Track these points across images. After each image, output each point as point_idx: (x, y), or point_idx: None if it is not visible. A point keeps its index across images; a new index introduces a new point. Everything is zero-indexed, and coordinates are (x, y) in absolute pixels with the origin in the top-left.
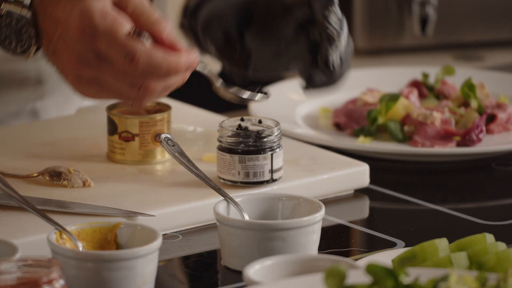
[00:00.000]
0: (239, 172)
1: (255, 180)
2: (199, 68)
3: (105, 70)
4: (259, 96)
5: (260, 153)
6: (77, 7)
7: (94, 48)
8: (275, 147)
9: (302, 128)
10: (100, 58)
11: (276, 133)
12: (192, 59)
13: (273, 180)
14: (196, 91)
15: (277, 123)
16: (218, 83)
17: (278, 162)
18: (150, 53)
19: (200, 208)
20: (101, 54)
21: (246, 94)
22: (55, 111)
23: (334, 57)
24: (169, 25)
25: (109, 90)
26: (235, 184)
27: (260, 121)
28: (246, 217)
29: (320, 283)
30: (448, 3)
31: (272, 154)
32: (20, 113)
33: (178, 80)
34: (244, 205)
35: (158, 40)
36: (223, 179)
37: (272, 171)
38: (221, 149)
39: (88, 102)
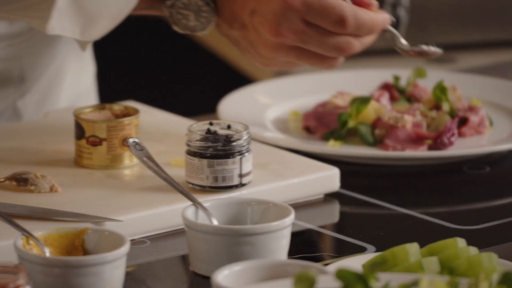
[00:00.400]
0: (207, 177)
1: (224, 184)
2: (388, 27)
3: (312, 34)
4: (437, 49)
5: (229, 158)
6: None
7: (303, 14)
8: (244, 151)
9: (271, 132)
10: (307, 23)
11: (245, 137)
12: (386, 16)
13: (242, 185)
14: (165, 95)
15: (246, 127)
16: (403, 41)
17: (247, 166)
18: (356, 12)
19: (168, 213)
20: (310, 19)
21: (427, 48)
22: (34, 109)
23: None
24: None
25: (309, 55)
26: (204, 189)
27: (229, 126)
28: (215, 222)
29: None
30: (420, 4)
31: (241, 159)
32: (3, 112)
33: (372, 38)
34: (213, 210)
35: None
36: (192, 184)
37: (241, 176)
38: (190, 153)
39: (64, 103)
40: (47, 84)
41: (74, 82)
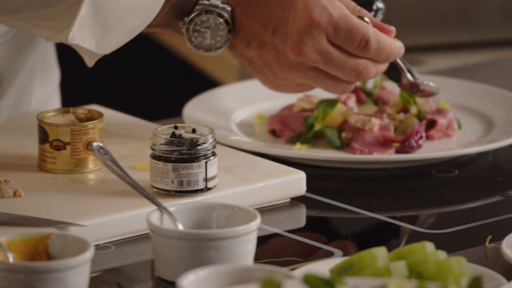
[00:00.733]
0: (172, 181)
1: (189, 188)
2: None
3: (334, 55)
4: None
5: (194, 161)
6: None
7: (328, 33)
8: (210, 155)
9: (237, 135)
10: (331, 44)
11: (210, 141)
12: (402, 44)
13: (207, 189)
14: (129, 98)
15: (212, 131)
16: (408, 75)
17: (212, 170)
18: (378, 36)
19: (133, 218)
20: (335, 39)
21: (429, 85)
22: (7, 112)
23: None
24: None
25: (325, 77)
26: (169, 193)
27: (194, 129)
28: (180, 227)
29: None
30: (386, 6)
31: (206, 162)
32: None
33: (386, 66)
34: (178, 215)
35: (372, 23)
36: (157, 188)
37: (206, 180)
38: (154, 157)
39: (33, 108)
40: (20, 89)
41: (41, 87)
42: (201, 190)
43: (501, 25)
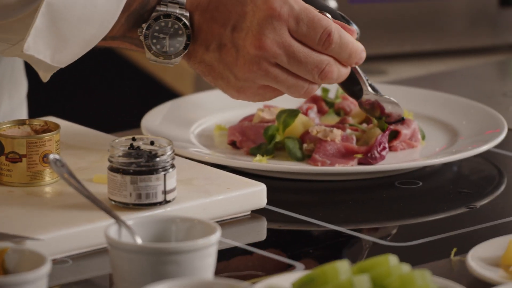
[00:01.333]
0: (131, 194)
1: (147, 201)
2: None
3: (296, 49)
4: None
5: (153, 174)
6: None
7: (290, 25)
8: (168, 167)
9: (196, 147)
10: (293, 37)
11: (169, 153)
12: (363, 48)
13: (166, 202)
14: (86, 109)
15: (170, 142)
16: (369, 88)
17: (171, 182)
18: (341, 31)
19: (91, 231)
20: (296, 32)
21: (386, 98)
22: None
23: None
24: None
25: (287, 77)
26: (127, 206)
27: (152, 141)
28: (139, 241)
29: None
30: (349, 14)
31: (165, 175)
32: None
33: (347, 72)
34: (137, 228)
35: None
36: (114, 201)
37: (165, 192)
38: (112, 169)
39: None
40: None
41: (9, 98)
42: (160, 203)
43: (465, 34)
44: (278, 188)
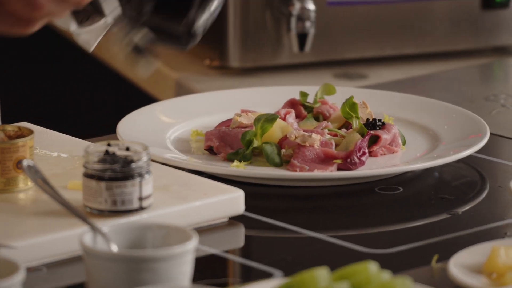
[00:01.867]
0: (106, 200)
1: (123, 208)
2: None
3: None
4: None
5: (128, 180)
6: None
7: None
8: (144, 173)
9: (172, 152)
10: None
11: (144, 158)
12: None
13: (142, 208)
14: (60, 115)
15: (146, 148)
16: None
17: (147, 189)
18: None
19: (66, 238)
20: None
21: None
22: None
23: (200, 23)
24: None
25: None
26: (102, 213)
27: (127, 147)
28: (114, 248)
29: None
30: (328, 17)
31: (140, 181)
32: None
33: (72, 2)
34: (112, 235)
35: None
36: (90, 208)
37: (141, 199)
38: (87, 175)
39: None
40: None
41: None
42: (136, 210)
43: (447, 36)
44: (256, 194)
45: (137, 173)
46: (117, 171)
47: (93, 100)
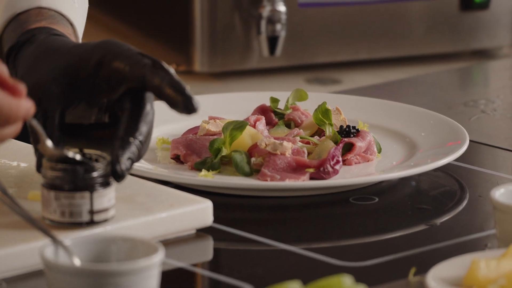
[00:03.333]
0: (55, 210)
1: (71, 220)
2: (32, 120)
3: None
4: (79, 156)
5: (76, 191)
6: None
7: None
8: (97, 185)
9: None
10: None
11: (104, 167)
12: (30, 105)
13: (93, 222)
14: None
15: (105, 157)
16: (48, 141)
17: (101, 202)
18: None
19: (26, 252)
20: None
21: (72, 154)
22: None
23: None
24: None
25: None
26: (54, 224)
27: (85, 155)
28: (77, 262)
29: None
30: (299, 19)
31: (92, 193)
32: None
33: (13, 130)
34: (74, 248)
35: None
36: (45, 218)
37: (92, 212)
38: (44, 185)
39: None
40: None
41: None
42: (87, 223)
43: (424, 39)
44: (225, 205)
45: (88, 185)
46: (67, 180)
47: None
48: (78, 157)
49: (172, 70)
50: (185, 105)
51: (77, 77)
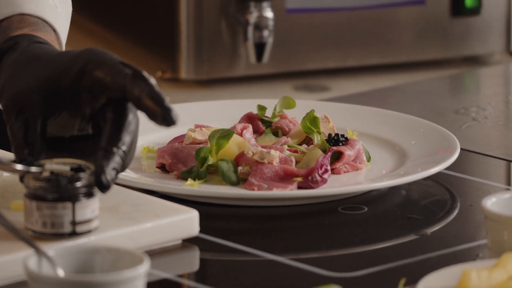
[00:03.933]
0: (37, 221)
1: (53, 231)
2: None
3: None
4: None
5: (58, 202)
6: None
7: None
8: (80, 196)
9: None
10: None
11: (88, 177)
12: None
13: (75, 233)
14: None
15: (89, 166)
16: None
17: (84, 213)
18: None
19: (9, 262)
20: None
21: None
22: None
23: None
24: None
25: None
26: (36, 234)
27: (68, 165)
28: (61, 273)
29: None
30: (287, 26)
31: (74, 204)
32: None
33: None
34: (58, 259)
35: None
36: (30, 230)
37: (74, 223)
38: (27, 195)
39: None
40: None
41: None
42: (69, 234)
43: (414, 46)
44: (211, 214)
45: (71, 195)
46: (49, 191)
47: None
48: (43, 170)
49: (153, 80)
50: (164, 117)
51: (59, 85)
